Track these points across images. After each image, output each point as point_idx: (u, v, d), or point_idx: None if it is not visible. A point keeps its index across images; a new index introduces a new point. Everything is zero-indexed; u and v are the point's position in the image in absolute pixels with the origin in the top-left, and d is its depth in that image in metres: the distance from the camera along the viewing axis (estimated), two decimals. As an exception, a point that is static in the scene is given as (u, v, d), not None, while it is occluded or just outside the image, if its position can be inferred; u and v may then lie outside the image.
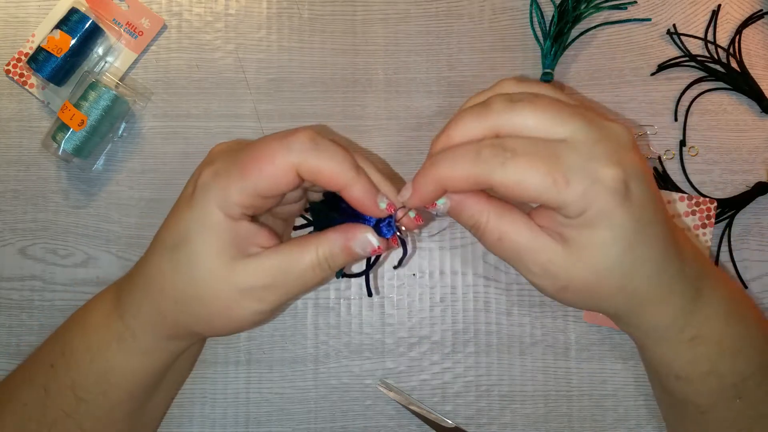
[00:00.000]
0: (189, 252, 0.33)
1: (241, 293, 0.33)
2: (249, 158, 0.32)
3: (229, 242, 0.33)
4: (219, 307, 0.34)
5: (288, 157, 0.32)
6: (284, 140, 0.32)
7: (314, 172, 0.32)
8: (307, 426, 0.48)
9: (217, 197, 0.32)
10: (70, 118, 0.47)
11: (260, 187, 0.32)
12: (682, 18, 0.52)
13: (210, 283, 0.33)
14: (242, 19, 0.52)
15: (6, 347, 0.49)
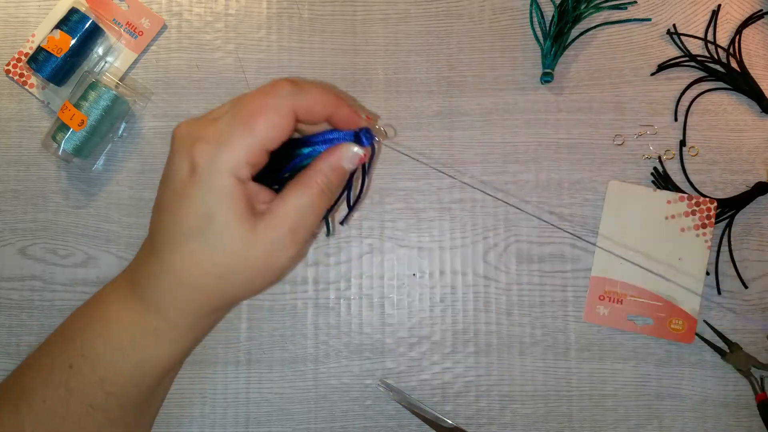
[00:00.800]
0: (217, 228, 0.33)
1: (273, 246, 0.34)
2: (249, 113, 0.33)
3: (246, 206, 0.34)
4: (258, 267, 0.35)
5: (284, 102, 0.33)
6: (272, 91, 0.34)
7: (308, 108, 0.34)
8: (307, 426, 0.48)
9: (228, 164, 0.33)
10: (70, 118, 0.47)
11: (267, 139, 0.33)
12: (682, 18, 0.52)
13: (245, 250, 0.34)
14: (242, 19, 0.52)
15: (6, 347, 0.49)
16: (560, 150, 0.51)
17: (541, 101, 0.51)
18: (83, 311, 0.41)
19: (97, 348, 0.37)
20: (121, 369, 0.37)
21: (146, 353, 0.37)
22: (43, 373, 0.38)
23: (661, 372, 0.48)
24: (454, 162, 0.50)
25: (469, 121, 0.51)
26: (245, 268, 0.35)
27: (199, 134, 0.34)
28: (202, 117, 0.36)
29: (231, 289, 0.36)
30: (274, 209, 0.35)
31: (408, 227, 0.50)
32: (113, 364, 0.37)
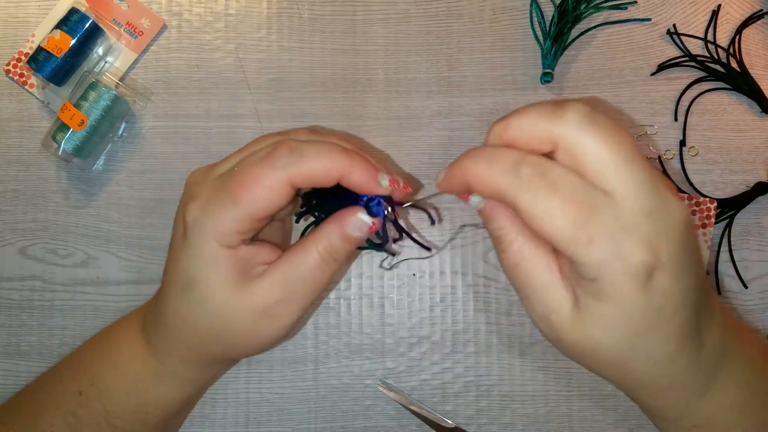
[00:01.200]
0: (199, 292, 0.33)
1: (258, 315, 0.33)
2: (237, 185, 0.31)
3: (233, 272, 0.32)
4: (242, 334, 0.34)
5: (277, 175, 0.31)
6: (267, 159, 0.31)
7: (307, 178, 0.32)
8: (307, 426, 0.48)
9: (212, 231, 0.32)
10: (70, 118, 0.47)
11: (255, 211, 0.32)
12: (682, 18, 0.52)
13: (228, 315, 0.33)
14: (242, 19, 0.52)
15: (6, 347, 0.49)
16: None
17: (541, 101, 0.51)
18: (97, 340, 0.41)
19: (105, 380, 0.38)
20: (125, 404, 0.37)
21: (149, 394, 0.37)
22: (54, 398, 0.39)
23: (661, 372, 0.48)
24: (454, 162, 0.50)
25: (469, 121, 0.51)
26: (229, 333, 0.34)
27: (195, 193, 0.33)
28: (212, 166, 0.35)
29: (216, 351, 0.36)
30: (266, 276, 0.33)
31: (408, 227, 0.50)
32: (118, 399, 0.37)
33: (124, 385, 0.37)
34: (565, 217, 0.27)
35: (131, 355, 0.38)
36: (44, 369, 0.47)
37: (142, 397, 0.38)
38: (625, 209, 0.26)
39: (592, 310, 0.28)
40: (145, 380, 0.37)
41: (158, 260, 0.49)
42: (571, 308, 0.29)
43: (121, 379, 0.38)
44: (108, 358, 0.39)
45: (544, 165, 0.27)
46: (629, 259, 0.26)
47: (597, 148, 0.27)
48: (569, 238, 0.27)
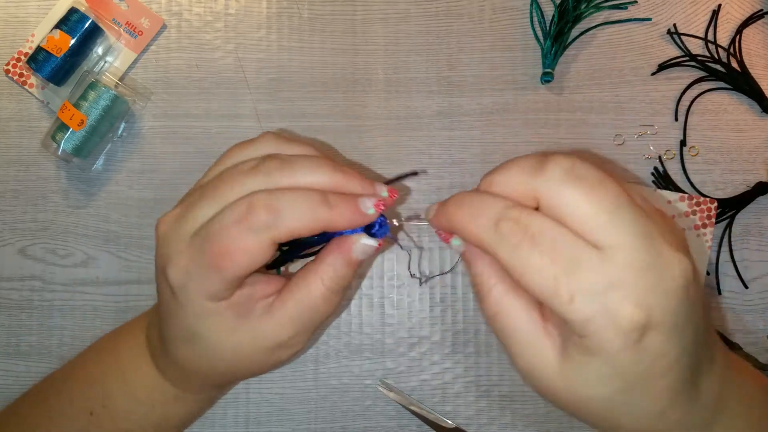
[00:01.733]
0: (205, 342, 0.33)
1: (272, 350, 0.33)
2: (216, 254, 0.30)
3: (234, 318, 0.32)
4: (259, 364, 0.34)
5: (256, 238, 0.29)
6: (245, 223, 0.29)
7: (290, 235, 0.30)
8: (307, 426, 0.48)
9: (199, 293, 0.31)
10: (69, 118, 0.47)
11: (240, 274, 0.31)
12: (683, 18, 0.52)
13: (242, 355, 0.33)
14: (242, 18, 0.52)
15: (6, 347, 0.49)
16: (561, 150, 0.51)
17: (542, 101, 0.51)
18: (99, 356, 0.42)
19: (118, 401, 0.38)
20: (144, 424, 0.39)
21: (167, 411, 0.39)
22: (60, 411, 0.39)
23: (662, 372, 0.48)
24: (454, 162, 0.50)
25: (469, 121, 0.51)
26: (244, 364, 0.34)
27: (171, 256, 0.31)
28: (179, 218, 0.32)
29: (230, 378, 0.38)
30: (272, 315, 0.32)
31: (408, 227, 0.50)
32: (136, 418, 0.38)
33: (141, 406, 0.38)
34: (545, 272, 0.25)
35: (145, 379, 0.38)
36: (44, 369, 0.48)
37: (163, 414, 0.39)
38: (614, 264, 0.25)
39: (579, 363, 0.27)
40: (165, 402, 0.38)
41: (158, 260, 0.49)
42: (556, 361, 0.28)
43: (137, 400, 0.38)
44: (119, 379, 0.39)
45: (526, 218, 0.27)
46: (618, 317, 0.25)
47: (578, 203, 0.26)
48: (550, 293, 0.26)
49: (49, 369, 0.42)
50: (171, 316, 0.33)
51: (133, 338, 0.40)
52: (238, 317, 0.32)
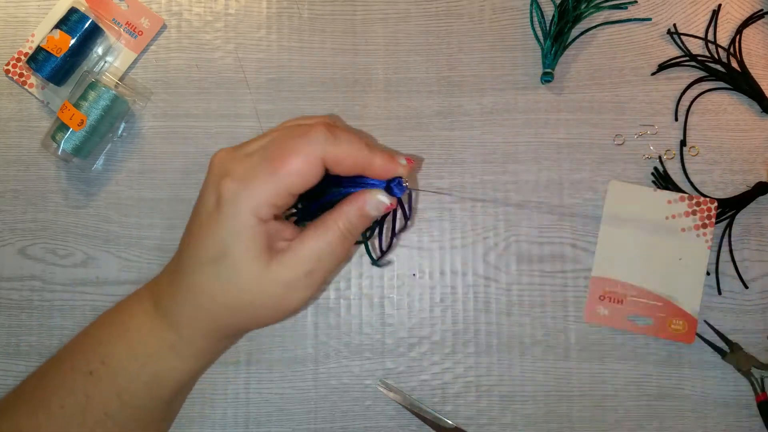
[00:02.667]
0: (230, 264, 0.34)
1: (286, 287, 0.35)
2: (277, 157, 0.33)
3: (264, 244, 0.34)
4: (270, 305, 0.35)
5: (314, 150, 0.33)
6: (306, 135, 0.34)
7: (338, 160, 0.34)
8: (306, 426, 0.48)
9: (250, 203, 0.33)
10: (69, 118, 0.47)
11: (292, 184, 0.33)
12: (683, 18, 0.52)
13: (257, 287, 0.35)
14: (242, 18, 0.52)
15: (6, 347, 0.49)
16: (560, 150, 0.51)
17: (542, 101, 0.51)
18: (106, 318, 0.41)
19: (117, 357, 0.38)
20: (138, 379, 0.38)
21: (162, 366, 0.38)
22: (64, 379, 0.39)
23: (662, 372, 0.48)
24: (454, 162, 0.50)
25: (469, 121, 0.51)
26: (256, 304, 0.35)
27: (229, 169, 0.34)
28: (237, 148, 0.36)
29: (240, 322, 0.37)
30: (293, 250, 0.35)
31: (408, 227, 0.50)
32: (131, 375, 0.38)
33: (136, 361, 0.38)
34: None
35: (144, 329, 0.38)
36: (44, 369, 0.48)
37: (155, 371, 0.38)
38: None
39: None
40: (159, 354, 0.38)
41: (158, 260, 0.49)
42: None
43: (133, 354, 0.38)
44: (118, 335, 0.39)
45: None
46: None
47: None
48: None
49: (49, 369, 0.42)
50: (204, 232, 0.35)
51: (137, 297, 0.40)
52: (265, 246, 0.34)
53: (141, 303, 0.40)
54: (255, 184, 0.33)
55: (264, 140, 0.36)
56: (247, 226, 0.33)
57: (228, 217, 0.34)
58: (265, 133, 0.37)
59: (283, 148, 0.34)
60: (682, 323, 0.48)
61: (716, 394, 0.48)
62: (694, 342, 0.48)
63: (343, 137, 0.34)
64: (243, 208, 0.33)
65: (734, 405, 0.48)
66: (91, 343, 0.40)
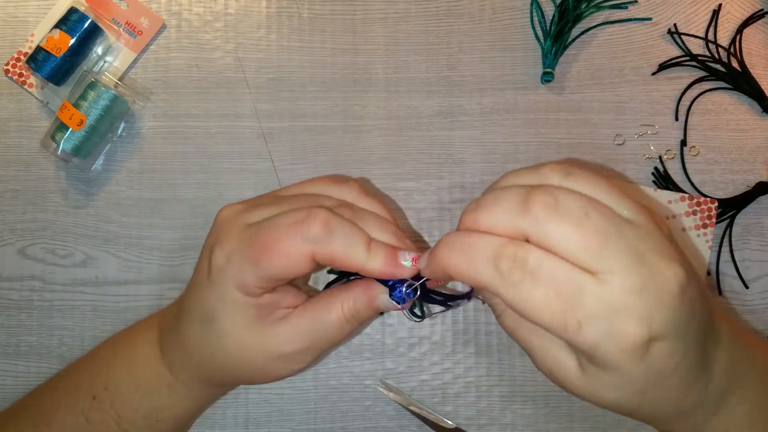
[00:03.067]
0: (218, 328, 0.34)
1: (274, 359, 0.34)
2: (261, 246, 0.32)
3: (253, 317, 0.33)
4: (258, 370, 0.35)
5: (302, 246, 0.31)
6: (298, 227, 0.31)
7: (329, 259, 0.32)
8: (306, 427, 0.48)
9: (233, 280, 0.32)
10: (69, 118, 0.47)
11: (275, 274, 0.32)
12: (683, 17, 0.52)
13: (243, 354, 0.34)
14: (242, 18, 0.52)
15: (5, 347, 0.49)
16: (561, 150, 0.51)
17: (542, 101, 0.51)
18: (115, 340, 0.42)
19: (119, 384, 0.38)
20: (137, 410, 0.38)
21: (160, 402, 0.38)
22: (67, 398, 0.39)
23: (662, 372, 0.48)
24: (454, 162, 0.50)
25: (469, 121, 0.51)
26: (244, 368, 0.35)
27: (224, 238, 0.33)
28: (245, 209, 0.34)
29: (233, 378, 0.37)
30: (290, 324, 0.34)
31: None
32: (131, 404, 0.38)
33: (137, 391, 0.38)
34: (552, 307, 0.26)
35: (147, 362, 0.38)
36: (43, 369, 0.48)
37: (154, 404, 0.38)
38: (612, 289, 0.26)
39: (596, 374, 0.29)
40: (158, 389, 0.38)
41: (157, 260, 0.49)
42: (576, 370, 0.30)
43: (135, 384, 0.38)
44: (124, 363, 0.39)
45: (523, 254, 0.27)
46: (623, 337, 0.26)
47: (568, 238, 0.26)
48: (560, 327, 0.27)
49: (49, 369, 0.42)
50: (198, 292, 0.34)
51: (145, 326, 0.41)
52: (256, 317, 0.33)
53: (148, 334, 0.40)
54: (238, 265, 0.32)
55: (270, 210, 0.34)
56: (234, 299, 0.33)
57: (216, 287, 0.33)
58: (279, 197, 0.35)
59: (271, 236, 0.32)
60: (682, 323, 0.48)
61: (717, 395, 0.48)
62: (694, 342, 0.48)
63: (340, 234, 0.31)
64: (229, 284, 0.33)
65: (735, 405, 0.48)
66: (97, 366, 0.40)
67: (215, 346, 0.34)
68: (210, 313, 0.34)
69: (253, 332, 0.33)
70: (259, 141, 0.50)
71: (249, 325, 0.33)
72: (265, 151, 0.50)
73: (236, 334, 0.33)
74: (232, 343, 0.34)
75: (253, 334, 0.33)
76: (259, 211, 0.34)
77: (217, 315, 0.34)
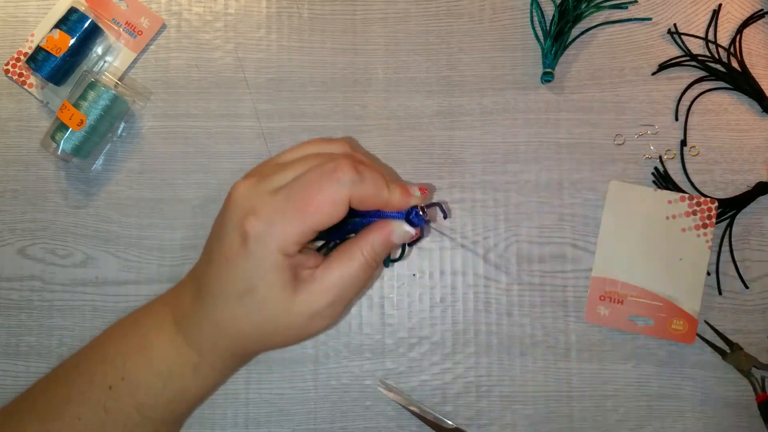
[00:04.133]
0: (257, 298, 0.35)
1: (310, 317, 0.36)
2: (305, 198, 0.34)
3: (289, 277, 0.35)
4: (293, 333, 0.37)
5: (342, 191, 0.34)
6: (333, 176, 0.34)
7: (361, 200, 0.35)
8: (306, 427, 0.48)
9: (276, 242, 0.34)
10: (69, 118, 0.47)
11: (318, 223, 0.34)
12: (683, 17, 0.52)
13: (282, 319, 0.35)
14: (242, 18, 0.52)
15: (5, 347, 0.49)
16: (561, 150, 0.51)
17: (542, 101, 0.51)
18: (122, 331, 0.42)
19: (138, 373, 0.39)
20: (160, 395, 0.39)
21: (184, 384, 0.39)
22: (80, 390, 0.39)
23: (662, 372, 0.48)
24: (454, 162, 0.50)
25: (470, 121, 0.51)
26: (281, 332, 0.36)
27: (254, 207, 0.35)
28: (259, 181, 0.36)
29: (266, 346, 0.39)
30: (318, 280, 0.36)
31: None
32: (154, 391, 0.38)
33: (160, 378, 0.38)
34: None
35: (166, 347, 0.39)
36: (43, 369, 0.48)
37: (177, 388, 0.39)
38: None
39: None
40: (182, 373, 0.38)
41: (157, 260, 0.49)
42: None
43: (155, 371, 0.38)
44: (138, 351, 0.39)
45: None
46: None
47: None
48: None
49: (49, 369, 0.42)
50: (230, 269, 0.35)
51: (154, 315, 0.41)
52: (291, 279, 0.35)
53: (158, 320, 0.40)
54: (282, 225, 0.34)
55: (287, 174, 0.36)
56: (274, 263, 0.34)
57: (254, 254, 0.34)
58: (287, 164, 0.37)
59: (311, 189, 0.34)
60: (682, 323, 0.48)
61: (716, 395, 0.48)
62: (694, 342, 0.48)
63: (368, 176, 0.35)
64: (270, 247, 0.34)
65: (734, 405, 0.48)
66: (110, 357, 0.40)
67: (254, 316, 0.35)
68: (249, 284, 0.35)
69: (288, 295, 0.35)
70: (259, 141, 0.50)
71: (284, 289, 0.35)
72: (266, 151, 0.50)
73: (274, 300, 0.35)
74: (270, 310, 0.35)
75: (287, 296, 0.35)
76: (277, 177, 0.36)
77: (255, 284, 0.35)
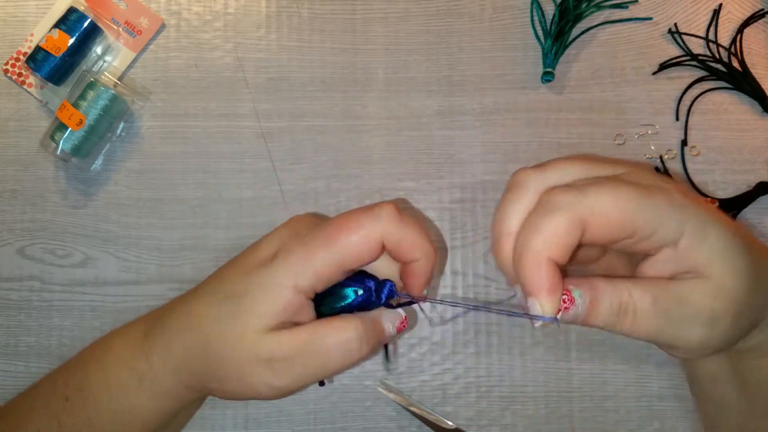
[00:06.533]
0: (238, 306, 0.33)
1: (257, 361, 0.33)
2: (336, 227, 0.32)
3: (279, 311, 0.33)
4: (233, 369, 0.33)
5: (377, 227, 0.32)
6: (372, 210, 0.32)
7: (398, 243, 0.32)
8: (306, 427, 0.48)
9: (297, 264, 0.32)
10: (68, 118, 0.47)
11: (346, 257, 0.32)
12: (684, 17, 0.52)
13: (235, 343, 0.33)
14: (241, 18, 0.52)
15: (5, 347, 0.48)
16: (561, 149, 0.50)
17: (542, 100, 0.51)
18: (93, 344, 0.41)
19: (91, 385, 0.37)
20: (105, 412, 0.37)
21: (132, 400, 0.37)
22: (43, 401, 0.38)
23: (663, 373, 0.48)
24: (454, 162, 0.50)
25: (470, 121, 0.51)
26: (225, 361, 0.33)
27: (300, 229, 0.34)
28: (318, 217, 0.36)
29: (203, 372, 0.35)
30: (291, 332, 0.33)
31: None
32: (100, 405, 0.37)
33: (107, 391, 0.37)
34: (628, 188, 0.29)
35: (122, 358, 0.37)
36: (42, 369, 0.47)
37: (122, 405, 0.37)
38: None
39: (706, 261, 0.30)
40: (127, 387, 0.37)
41: (156, 260, 0.49)
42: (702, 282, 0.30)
43: (106, 384, 0.37)
44: (98, 362, 0.38)
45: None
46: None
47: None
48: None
49: (48, 369, 0.42)
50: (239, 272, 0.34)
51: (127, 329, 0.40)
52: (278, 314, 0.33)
53: (129, 331, 0.39)
54: (309, 248, 0.32)
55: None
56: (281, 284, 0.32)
57: (270, 270, 0.33)
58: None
59: (345, 219, 0.33)
60: (683, 324, 0.48)
61: (717, 395, 0.48)
62: (695, 342, 0.48)
63: (411, 221, 0.33)
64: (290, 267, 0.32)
65: (735, 406, 0.48)
66: (74, 367, 0.39)
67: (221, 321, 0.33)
68: (243, 290, 0.33)
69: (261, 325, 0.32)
70: (258, 141, 0.50)
71: (265, 317, 0.32)
72: (265, 151, 0.50)
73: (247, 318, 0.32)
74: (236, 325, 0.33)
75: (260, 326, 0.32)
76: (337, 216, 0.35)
77: (249, 293, 0.33)
